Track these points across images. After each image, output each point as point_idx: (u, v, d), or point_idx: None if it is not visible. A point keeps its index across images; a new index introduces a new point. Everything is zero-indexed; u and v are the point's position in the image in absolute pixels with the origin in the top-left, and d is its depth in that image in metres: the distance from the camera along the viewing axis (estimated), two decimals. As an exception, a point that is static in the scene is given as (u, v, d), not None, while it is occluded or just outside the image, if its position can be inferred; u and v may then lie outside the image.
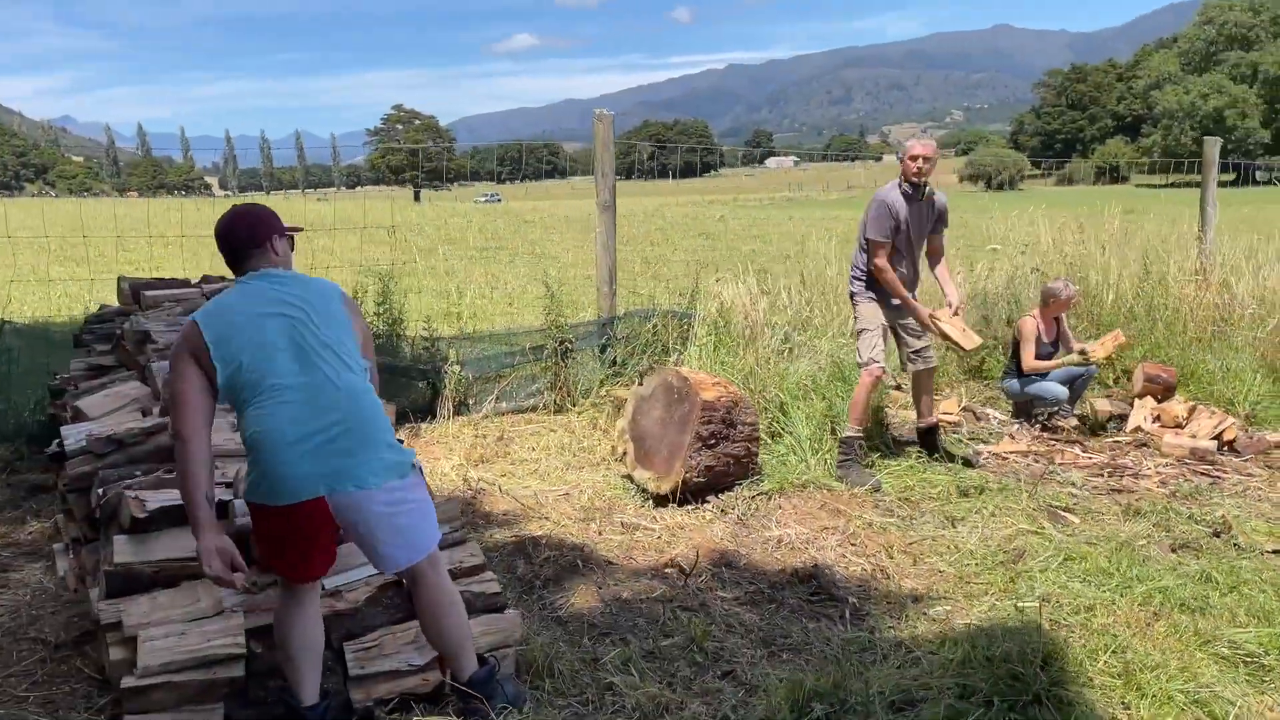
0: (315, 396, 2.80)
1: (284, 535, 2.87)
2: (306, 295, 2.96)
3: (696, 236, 25.49)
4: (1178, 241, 10.04)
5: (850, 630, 3.66)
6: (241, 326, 2.85)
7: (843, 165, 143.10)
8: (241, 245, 3.01)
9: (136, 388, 4.34)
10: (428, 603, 2.99)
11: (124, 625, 3.06)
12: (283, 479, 2.75)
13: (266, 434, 2.77)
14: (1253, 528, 4.63)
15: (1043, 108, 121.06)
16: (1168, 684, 3.02)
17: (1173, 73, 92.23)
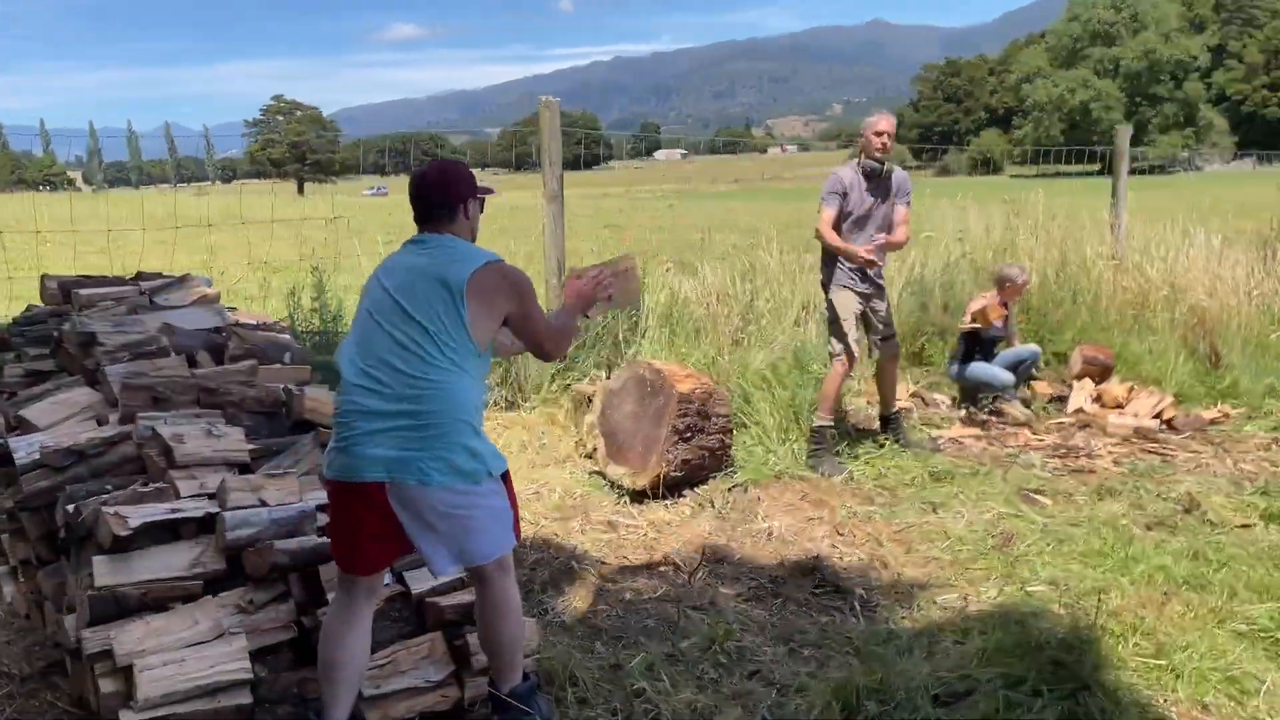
0: (400, 381, 2.66)
1: (341, 515, 2.76)
2: (427, 267, 2.77)
3: (603, 228, 25.35)
4: (1092, 228, 10.35)
5: (864, 623, 3.60)
6: (370, 288, 2.84)
7: (729, 158, 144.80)
8: (432, 202, 2.88)
9: (86, 394, 4.00)
10: (491, 606, 2.85)
11: (116, 654, 2.79)
12: (347, 454, 2.66)
13: (346, 410, 2.70)
14: (1219, 504, 4.75)
15: (920, 101, 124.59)
16: (1200, 663, 3.05)
17: (1042, 67, 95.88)
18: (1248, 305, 8.93)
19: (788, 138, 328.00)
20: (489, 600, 2.85)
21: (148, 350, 4.08)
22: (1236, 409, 6.79)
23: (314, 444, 3.69)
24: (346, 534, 2.75)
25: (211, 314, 4.63)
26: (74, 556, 3.21)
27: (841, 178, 5.49)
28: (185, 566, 3.07)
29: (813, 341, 6.58)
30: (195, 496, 3.26)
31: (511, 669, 2.91)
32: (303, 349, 4.52)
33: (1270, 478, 5.18)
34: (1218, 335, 8.02)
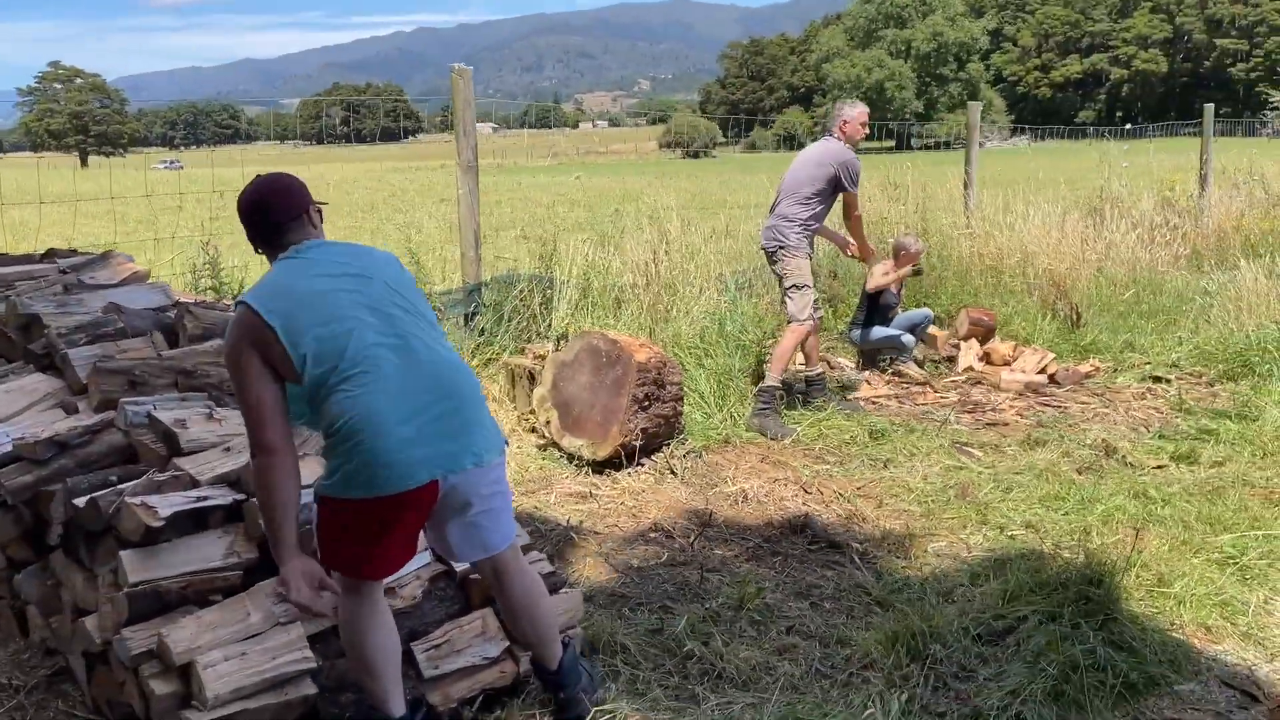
0: (414, 371, 2.48)
1: (374, 528, 2.52)
2: (370, 262, 2.62)
3: (438, 202, 24.85)
4: (943, 198, 10.98)
5: (870, 575, 3.77)
6: (308, 302, 2.46)
7: (542, 132, 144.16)
8: (279, 218, 2.60)
9: (43, 380, 3.67)
10: (520, 592, 2.76)
11: (174, 652, 2.61)
12: (392, 464, 2.39)
13: (366, 417, 2.40)
14: (1129, 449, 5.20)
15: (726, 79, 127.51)
16: (1196, 590, 3.37)
17: (840, 47, 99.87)
18: (1088, 269, 9.74)
19: (597, 113, 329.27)
20: (517, 589, 2.75)
21: (105, 332, 3.79)
22: (1104, 363, 7.40)
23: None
24: (384, 544, 2.56)
25: (155, 292, 4.33)
26: (86, 553, 2.96)
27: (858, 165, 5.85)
28: (220, 557, 2.90)
29: (731, 311, 6.73)
30: (215, 483, 3.07)
31: (555, 644, 2.84)
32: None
33: (1162, 423, 5.70)
34: (1073, 297, 8.71)
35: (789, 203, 5.85)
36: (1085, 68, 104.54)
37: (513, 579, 2.75)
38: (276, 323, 2.43)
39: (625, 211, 8.63)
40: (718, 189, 17.89)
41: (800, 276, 5.76)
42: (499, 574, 2.74)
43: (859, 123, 5.90)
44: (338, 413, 2.42)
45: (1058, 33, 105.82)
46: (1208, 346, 7.26)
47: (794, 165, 6.03)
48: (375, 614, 2.65)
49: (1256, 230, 12.67)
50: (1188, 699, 2.85)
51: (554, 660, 2.84)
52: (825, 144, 5.98)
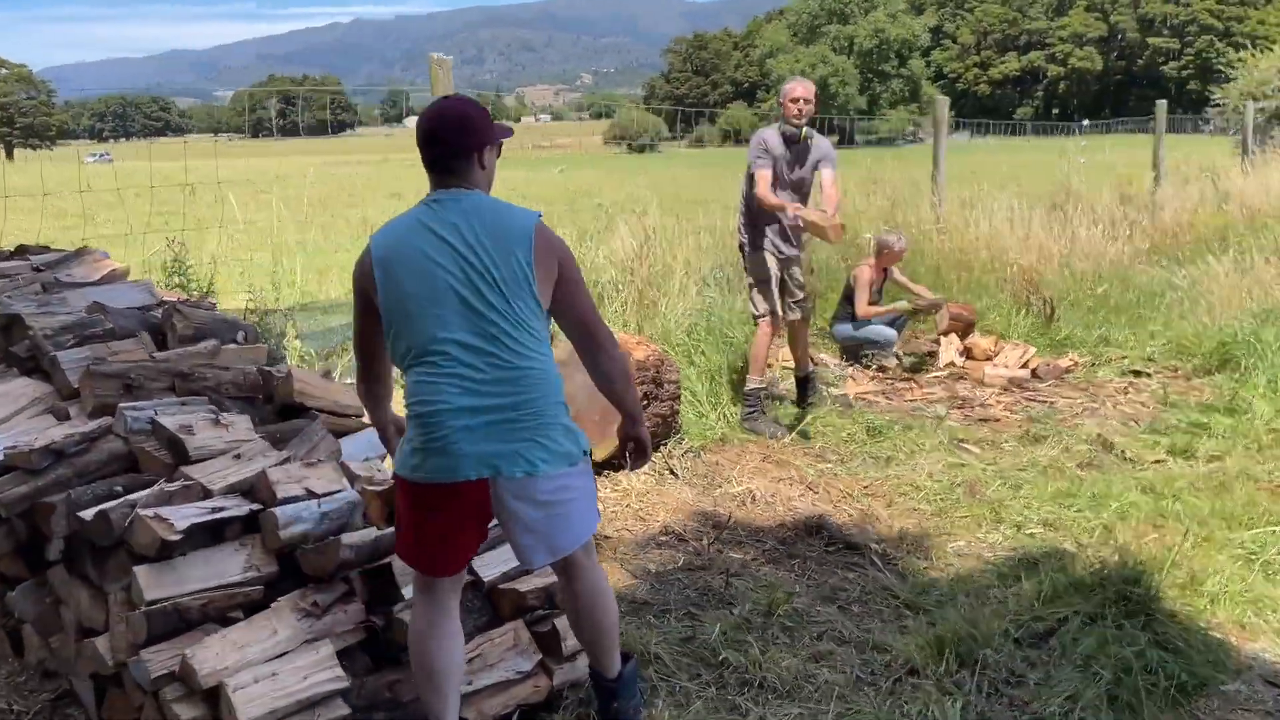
0: (489, 367, 2.38)
1: (428, 518, 2.46)
2: (489, 234, 2.41)
3: (388, 197, 24.48)
4: (911, 194, 11.00)
5: (893, 577, 3.70)
6: (409, 259, 2.42)
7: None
8: (446, 150, 2.47)
9: (29, 385, 3.45)
10: (587, 593, 2.66)
11: (200, 674, 2.45)
12: (444, 453, 2.38)
13: (430, 403, 2.39)
14: (1125, 444, 5.21)
15: (671, 73, 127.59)
16: (1228, 587, 3.35)
17: (783, 43, 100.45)
18: (1054, 264, 9.82)
19: (540, 107, 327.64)
20: (584, 588, 2.65)
21: (94, 333, 3.58)
22: (1081, 358, 7.44)
23: (324, 429, 3.36)
24: (433, 537, 2.48)
25: (139, 291, 4.12)
26: (94, 569, 2.78)
27: (766, 139, 5.55)
28: (239, 571, 2.75)
29: (721, 306, 6.64)
30: (227, 492, 2.90)
31: (616, 652, 2.76)
32: (254, 327, 4.10)
33: (1152, 418, 5.73)
34: (1045, 292, 8.77)
35: (741, 200, 5.73)
36: (1023, 65, 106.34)
37: (581, 577, 2.65)
38: (377, 257, 2.46)
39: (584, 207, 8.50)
40: (681, 185, 17.83)
41: (758, 272, 5.63)
42: (567, 571, 2.65)
43: (788, 99, 5.54)
44: (412, 394, 2.44)
45: (996, 30, 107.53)
46: (1183, 340, 7.33)
47: None
48: (446, 621, 2.55)
49: (1210, 225, 12.92)
50: (1235, 699, 2.82)
51: (613, 669, 2.73)
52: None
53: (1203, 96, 46.43)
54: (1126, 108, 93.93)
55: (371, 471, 3.38)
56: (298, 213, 20.97)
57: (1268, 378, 5.80)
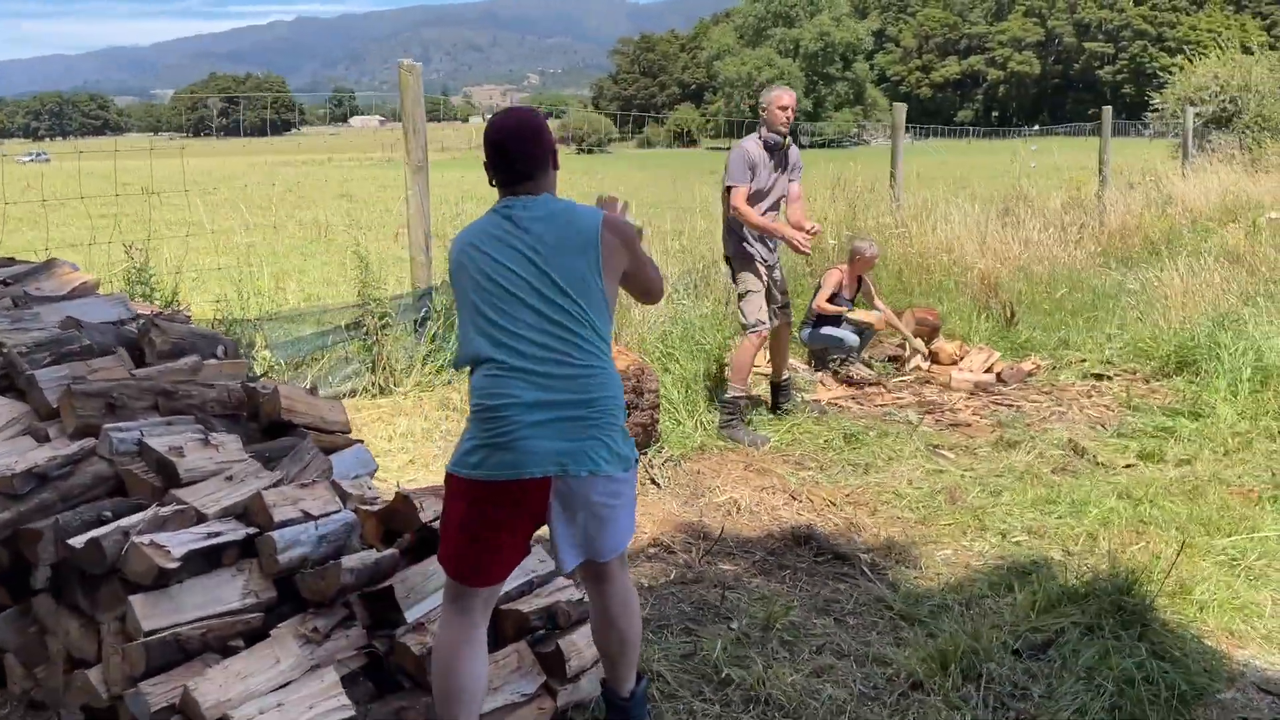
0: (559, 365, 2.41)
1: (481, 519, 2.43)
2: (560, 237, 2.48)
3: (337, 198, 24.17)
4: (870, 197, 11.11)
5: (884, 587, 3.72)
6: (480, 262, 2.48)
7: (431, 125, 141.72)
8: (517, 165, 2.54)
9: (4, 405, 3.31)
10: (618, 603, 2.65)
11: (203, 707, 2.38)
12: (510, 449, 2.36)
13: (501, 399, 2.38)
14: (1095, 448, 5.29)
15: (619, 74, 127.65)
16: (1216, 595, 3.42)
17: (730, 45, 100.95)
18: (1010, 267, 9.99)
19: (486, 106, 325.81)
20: (617, 597, 2.66)
21: (71, 350, 3.47)
22: (1043, 361, 7.56)
23: (314, 448, 3.29)
24: (485, 540, 2.45)
25: (113, 305, 3.99)
26: (84, 598, 2.68)
27: (749, 152, 5.55)
28: (238, 598, 2.67)
29: (692, 312, 6.64)
30: (222, 516, 2.83)
31: (634, 669, 2.75)
32: (234, 342, 4.00)
33: (1118, 422, 5.83)
34: (1003, 295, 8.91)
35: (725, 210, 5.73)
36: (963, 69, 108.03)
37: (613, 587, 2.65)
38: (455, 269, 2.56)
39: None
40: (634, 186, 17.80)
41: (745, 283, 5.65)
42: (600, 579, 2.64)
43: (776, 107, 5.58)
44: (478, 390, 2.43)
45: (937, 34, 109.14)
46: (1140, 343, 7.47)
47: None
48: (474, 639, 2.50)
49: (1156, 229, 13.22)
50: (1232, 708, 2.87)
51: (628, 687, 2.72)
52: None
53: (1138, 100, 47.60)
54: (1063, 111, 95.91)
55: (363, 490, 3.33)
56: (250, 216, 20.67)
57: (1228, 381, 5.93)
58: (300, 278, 11.95)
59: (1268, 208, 15.38)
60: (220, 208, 19.26)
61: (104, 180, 21.11)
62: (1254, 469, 4.76)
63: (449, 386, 5.85)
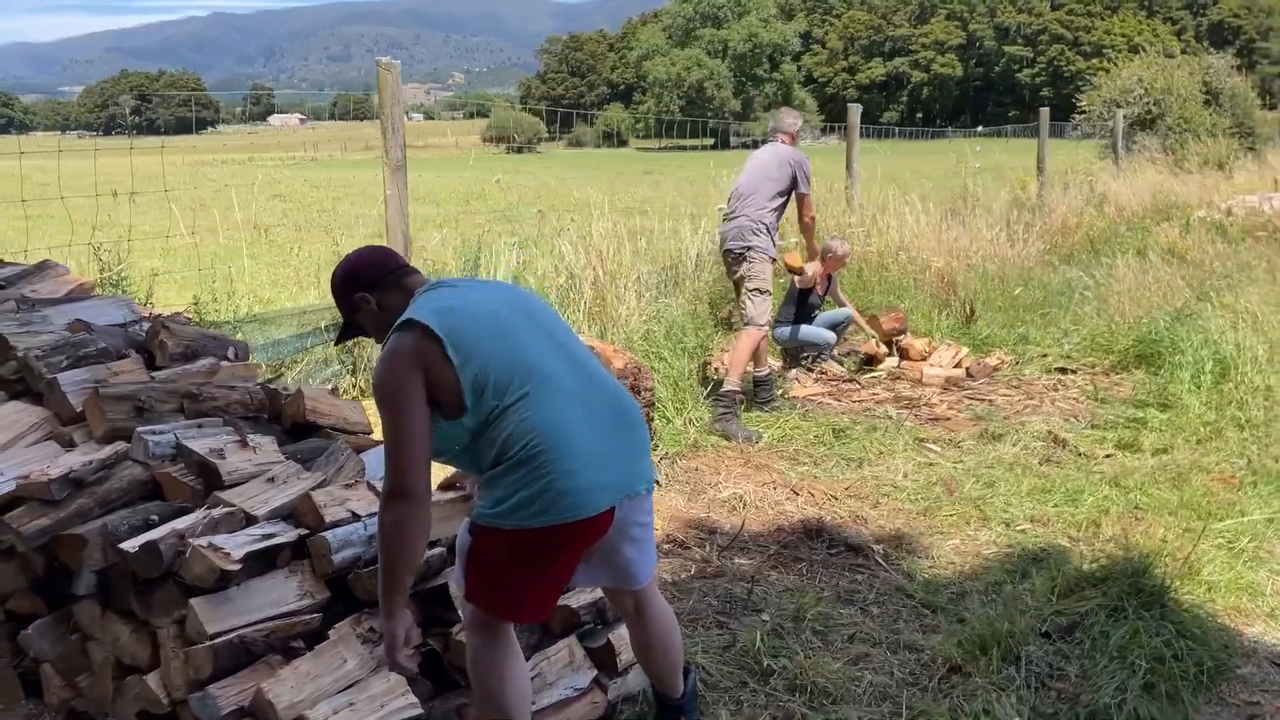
0: (594, 390, 2.37)
1: (543, 560, 2.33)
2: (511, 289, 2.57)
3: (270, 199, 23.70)
4: (829, 196, 11.27)
5: (900, 577, 3.81)
6: (477, 317, 2.31)
7: (354, 124, 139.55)
8: (397, 262, 2.53)
9: (23, 410, 3.24)
10: (659, 623, 2.65)
11: (278, 709, 2.36)
12: (578, 489, 2.24)
13: (552, 438, 2.24)
14: (1073, 439, 5.47)
15: (547, 73, 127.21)
16: (1222, 574, 3.57)
17: (659, 45, 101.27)
18: (961, 264, 10.23)
19: (411, 106, 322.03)
20: (657, 619, 2.65)
21: (89, 353, 3.40)
22: (1006, 356, 7.77)
23: (348, 448, 3.26)
24: (547, 579, 2.38)
25: (118, 307, 3.92)
26: (138, 603, 2.63)
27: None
28: (295, 599, 2.66)
29: (674, 310, 6.69)
30: (270, 518, 2.80)
31: (680, 673, 2.75)
32: (244, 344, 3.95)
33: (1090, 414, 6.02)
34: (962, 293, 9.13)
35: (753, 206, 5.85)
36: (888, 70, 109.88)
37: (653, 610, 2.65)
38: (444, 334, 2.25)
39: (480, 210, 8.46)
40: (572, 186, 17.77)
41: (764, 280, 5.78)
42: (640, 606, 2.63)
43: (802, 125, 6.00)
44: (517, 436, 2.25)
45: (862, 36, 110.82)
46: (1098, 338, 7.72)
47: (752, 168, 6.05)
48: (513, 655, 2.48)
49: (1095, 227, 13.65)
50: (1252, 682, 3.01)
51: (678, 689, 2.73)
52: (776, 148, 6.02)
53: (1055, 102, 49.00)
54: (985, 113, 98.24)
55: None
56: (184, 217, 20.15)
57: (1191, 373, 6.16)
58: (250, 280, 11.73)
59: (1195, 207, 16.01)
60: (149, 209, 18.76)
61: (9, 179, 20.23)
62: (1229, 456, 4.96)
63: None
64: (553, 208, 13.67)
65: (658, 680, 2.75)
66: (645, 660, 2.73)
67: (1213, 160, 20.95)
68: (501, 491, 2.27)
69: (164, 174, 8.00)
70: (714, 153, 46.57)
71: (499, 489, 2.27)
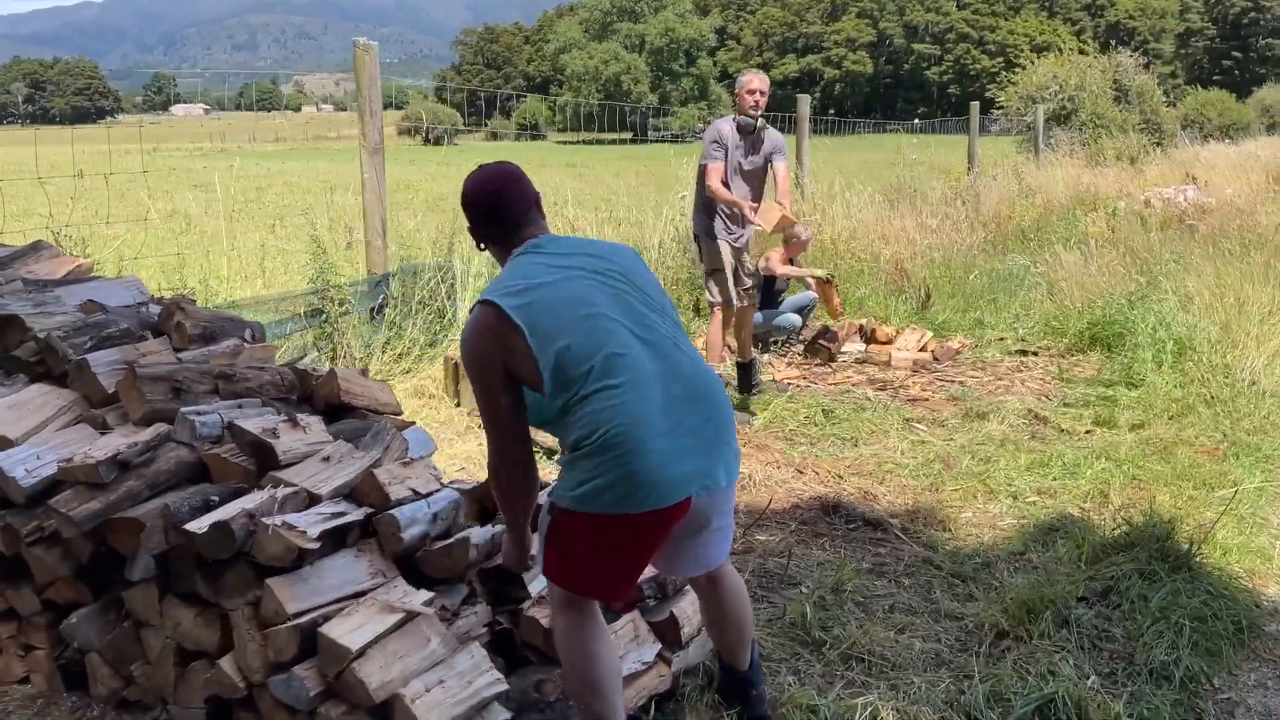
0: (673, 377, 2.31)
1: (619, 547, 2.32)
2: (614, 255, 2.47)
3: (192, 188, 22.99)
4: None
5: (923, 549, 3.89)
6: (555, 300, 2.28)
7: (261, 115, 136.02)
8: (514, 212, 2.44)
9: (47, 392, 3.09)
10: (733, 599, 2.66)
11: (370, 688, 2.31)
12: (655, 482, 2.20)
13: (628, 429, 2.20)
14: (1054, 416, 5.64)
15: (462, 65, 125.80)
16: (1239, 539, 3.73)
17: (576, 39, 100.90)
18: (908, 250, 10.46)
19: (320, 96, 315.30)
20: (732, 594, 2.65)
21: (112, 335, 3.27)
22: (966, 341, 7.96)
23: (393, 428, 3.20)
24: (625, 564, 2.38)
25: (127, 288, 3.77)
26: (205, 585, 2.55)
27: (720, 130, 5.66)
28: (367, 578, 2.60)
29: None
30: (332, 497, 2.73)
31: (749, 645, 2.78)
32: (260, 325, 3.84)
33: (1060, 394, 6.21)
34: (914, 279, 9.33)
35: (698, 187, 5.83)
36: (801, 67, 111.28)
37: (726, 582, 2.65)
38: (522, 321, 2.23)
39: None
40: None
41: (713, 261, 5.77)
42: (714, 582, 2.63)
43: (745, 91, 5.74)
44: (595, 423, 2.21)
45: (776, 33, 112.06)
46: (1051, 322, 7.96)
47: None
48: (601, 631, 2.46)
49: (1026, 217, 14.06)
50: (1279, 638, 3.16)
51: (746, 661, 2.75)
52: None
53: (968, 99, 50.28)
54: (895, 109, 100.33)
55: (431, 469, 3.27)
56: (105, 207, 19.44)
57: (1153, 354, 6.40)
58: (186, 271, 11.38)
59: (1115, 199, 16.59)
60: (63, 199, 17.92)
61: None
62: (1205, 430, 5.17)
63: (427, 378, 5.73)
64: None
65: (727, 651, 2.76)
66: (718, 631, 2.74)
67: (1125, 155, 21.72)
68: (580, 475, 2.25)
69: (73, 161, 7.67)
70: (633, 146, 46.57)
71: (577, 472, 2.25)
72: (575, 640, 2.43)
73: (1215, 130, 36.10)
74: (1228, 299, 7.18)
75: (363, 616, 2.44)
